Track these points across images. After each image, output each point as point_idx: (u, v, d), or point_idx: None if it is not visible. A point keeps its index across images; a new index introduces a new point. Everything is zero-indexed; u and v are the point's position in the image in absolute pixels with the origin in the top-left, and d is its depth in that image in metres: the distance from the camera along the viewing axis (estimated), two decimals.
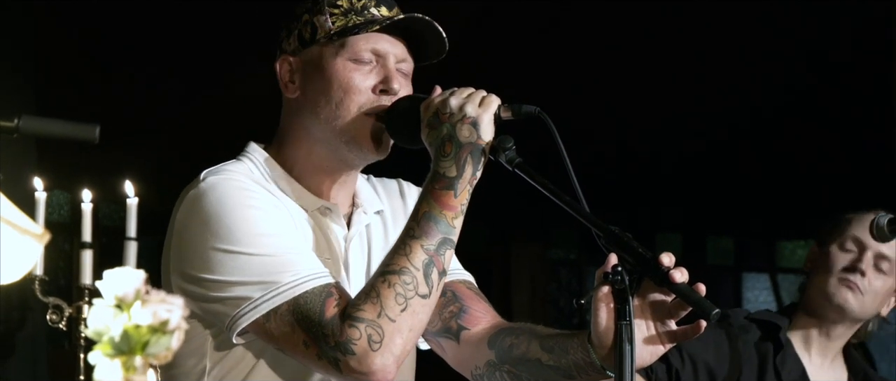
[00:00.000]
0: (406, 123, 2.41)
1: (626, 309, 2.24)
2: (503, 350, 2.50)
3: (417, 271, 2.32)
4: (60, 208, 8.68)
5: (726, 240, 12.09)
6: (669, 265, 2.25)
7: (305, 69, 2.44)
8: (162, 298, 1.38)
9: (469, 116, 2.33)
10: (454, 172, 2.34)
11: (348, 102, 2.41)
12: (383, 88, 2.43)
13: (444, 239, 2.34)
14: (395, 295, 2.30)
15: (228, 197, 2.33)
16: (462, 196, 2.35)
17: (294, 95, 2.45)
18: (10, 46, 5.45)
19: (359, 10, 2.43)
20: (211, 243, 2.31)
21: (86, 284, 3.92)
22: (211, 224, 2.32)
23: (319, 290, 2.30)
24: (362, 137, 2.43)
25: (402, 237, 2.36)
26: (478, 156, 2.34)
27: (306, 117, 2.44)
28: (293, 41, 2.44)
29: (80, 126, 2.22)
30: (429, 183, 2.36)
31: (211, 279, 2.31)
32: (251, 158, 2.46)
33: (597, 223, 2.29)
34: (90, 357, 1.39)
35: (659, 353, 2.37)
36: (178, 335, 1.37)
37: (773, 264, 12.34)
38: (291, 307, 2.29)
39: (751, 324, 3.48)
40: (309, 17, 2.43)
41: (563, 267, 11.22)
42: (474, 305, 2.57)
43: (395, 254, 2.34)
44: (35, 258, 1.46)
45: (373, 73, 2.43)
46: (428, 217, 2.34)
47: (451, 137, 2.34)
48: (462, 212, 2.36)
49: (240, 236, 2.30)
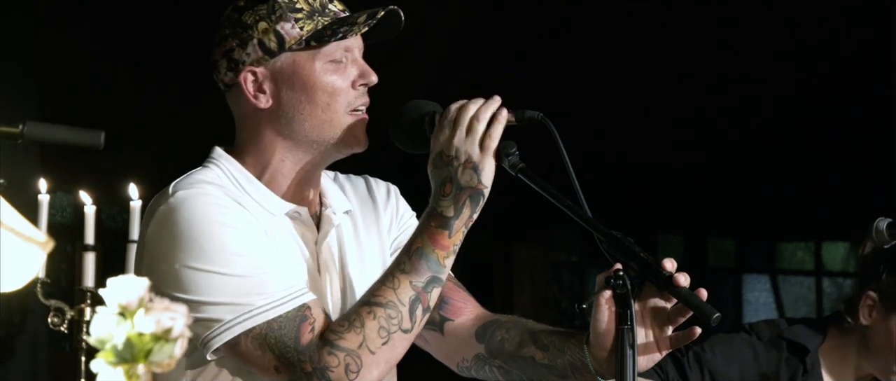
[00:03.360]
0: (411, 138, 2.42)
1: (628, 314, 2.23)
2: (494, 344, 2.49)
3: (403, 306, 2.32)
4: (63, 211, 8.68)
5: (727, 242, 12.10)
6: (671, 270, 2.25)
7: (277, 78, 2.39)
8: (165, 306, 1.38)
9: (472, 160, 2.33)
10: (451, 212, 2.34)
11: (334, 104, 2.40)
12: (362, 82, 2.43)
13: (433, 277, 2.34)
14: (378, 328, 2.29)
15: (200, 213, 2.29)
16: (456, 237, 2.35)
17: (266, 104, 2.40)
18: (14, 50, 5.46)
19: (320, 10, 2.41)
20: (183, 262, 2.28)
21: (88, 286, 3.92)
22: (182, 242, 2.29)
23: (293, 314, 2.29)
24: (350, 135, 2.42)
25: (392, 270, 2.35)
26: (477, 199, 2.34)
27: (282, 125, 2.41)
28: (253, 51, 2.38)
29: (85, 132, 2.22)
30: (425, 219, 2.36)
31: (183, 299, 2.27)
32: (219, 165, 2.43)
33: (599, 228, 2.29)
34: (93, 365, 1.39)
35: (655, 359, 2.36)
36: (182, 343, 1.37)
37: (774, 266, 12.35)
38: (264, 331, 2.27)
39: (781, 341, 3.39)
40: (268, 25, 2.37)
41: (565, 269, 11.23)
42: (454, 295, 2.56)
43: (382, 285, 2.33)
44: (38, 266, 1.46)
45: (347, 69, 2.42)
46: (420, 254, 2.34)
47: (452, 179, 2.34)
48: (454, 252, 2.36)
49: (212, 254, 2.28)
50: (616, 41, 7.48)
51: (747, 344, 3.39)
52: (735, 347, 3.38)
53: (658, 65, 7.73)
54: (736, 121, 8.50)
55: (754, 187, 9.67)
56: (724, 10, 7.24)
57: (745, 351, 3.38)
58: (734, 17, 7.31)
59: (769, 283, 12.33)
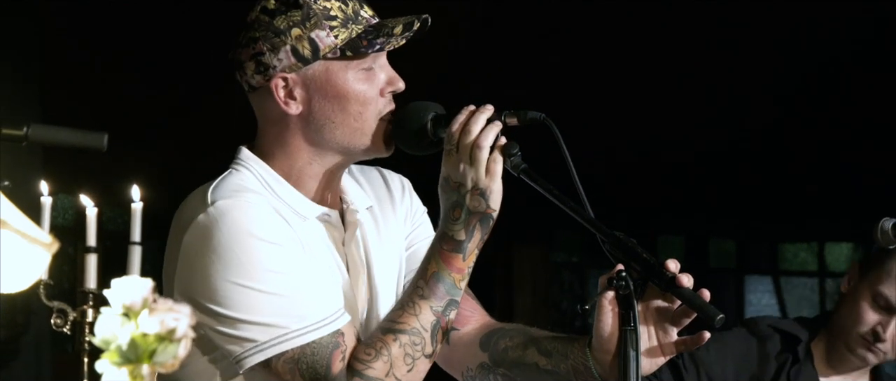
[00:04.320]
0: (414, 141, 2.43)
1: (631, 315, 2.23)
2: (497, 353, 2.50)
3: (426, 331, 2.35)
4: (65, 213, 8.69)
5: (728, 243, 12.08)
6: (675, 271, 2.25)
7: (308, 85, 2.39)
8: (169, 306, 1.38)
9: (479, 187, 2.35)
10: (463, 236, 2.37)
11: (366, 113, 2.41)
12: (391, 89, 2.44)
13: (451, 301, 2.38)
14: (404, 355, 2.33)
15: (241, 227, 2.30)
16: (470, 259, 2.38)
17: (296, 111, 2.40)
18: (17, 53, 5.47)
19: (353, 17, 2.40)
20: (222, 275, 2.29)
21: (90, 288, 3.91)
22: (223, 255, 2.29)
23: (327, 341, 2.31)
24: (379, 142, 2.43)
25: (410, 295, 2.37)
26: (487, 222, 2.38)
27: (312, 132, 2.41)
28: (286, 58, 2.37)
29: (89, 134, 2.22)
30: (437, 242, 2.39)
31: (220, 313, 2.29)
32: (249, 168, 2.43)
33: (601, 229, 2.29)
34: (97, 366, 1.39)
35: (659, 362, 2.36)
36: (186, 344, 1.37)
37: (776, 267, 12.33)
38: (297, 356, 2.29)
39: (774, 333, 3.40)
40: (302, 31, 2.37)
41: (565, 270, 11.23)
42: (462, 303, 2.57)
43: (403, 312, 2.36)
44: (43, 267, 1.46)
45: (376, 76, 2.43)
46: (437, 278, 2.36)
47: (461, 205, 2.36)
48: (468, 274, 2.40)
49: (251, 270, 2.28)
50: (617, 41, 7.48)
51: (740, 339, 3.39)
52: (729, 343, 3.38)
53: (659, 64, 7.73)
54: (736, 121, 8.50)
55: (756, 188, 9.66)
56: (726, 8, 7.24)
57: (738, 346, 3.38)
58: (734, 15, 7.31)
59: (771, 284, 12.31)
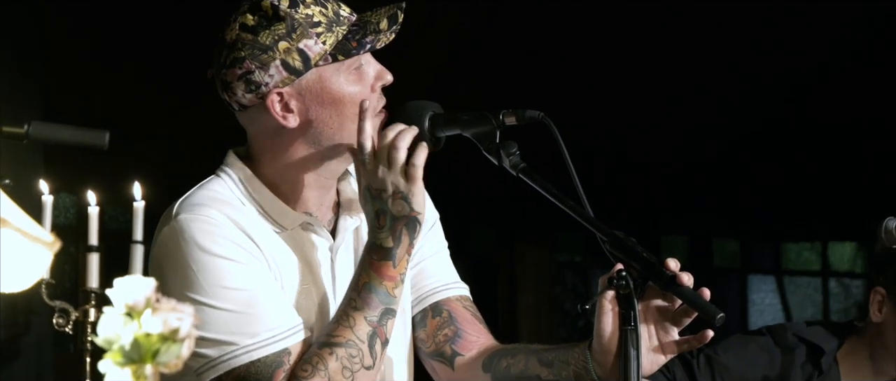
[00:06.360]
0: None
1: (631, 315, 2.23)
2: (500, 372, 2.49)
3: (362, 343, 2.33)
4: (66, 211, 8.69)
5: (732, 243, 12.08)
6: (675, 270, 2.25)
7: (304, 95, 2.37)
8: (172, 306, 1.38)
9: (400, 190, 2.34)
10: (390, 243, 2.35)
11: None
12: (381, 84, 2.43)
13: (386, 310, 2.36)
14: (342, 369, 2.31)
15: (196, 243, 2.30)
16: (401, 266, 2.36)
17: (295, 123, 2.38)
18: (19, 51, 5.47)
19: (335, 18, 2.38)
20: (179, 289, 2.30)
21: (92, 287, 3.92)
22: (179, 270, 2.31)
23: (272, 360, 2.30)
24: None
25: (345, 308, 2.36)
26: (413, 226, 2.36)
27: (310, 141, 2.40)
28: (277, 73, 2.34)
29: (90, 132, 2.22)
30: (367, 253, 2.37)
31: None
32: (230, 176, 2.43)
33: (601, 228, 2.28)
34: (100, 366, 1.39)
35: (660, 362, 2.36)
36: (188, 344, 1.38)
37: (779, 267, 12.34)
38: (243, 374, 2.29)
39: (800, 343, 3.36)
40: (289, 44, 2.34)
41: (568, 270, 11.22)
42: (469, 328, 2.57)
43: (338, 325, 2.34)
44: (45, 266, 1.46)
45: (365, 73, 2.42)
46: (369, 288, 2.35)
47: (385, 211, 2.35)
48: (402, 281, 2.38)
49: (206, 287, 2.29)
50: (619, 40, 7.48)
51: (763, 348, 3.37)
52: (750, 350, 3.35)
53: (663, 64, 7.73)
54: (739, 121, 8.50)
55: (759, 187, 9.66)
56: (729, 7, 7.24)
57: (761, 355, 3.36)
58: (738, 14, 7.31)
59: (775, 284, 12.31)
